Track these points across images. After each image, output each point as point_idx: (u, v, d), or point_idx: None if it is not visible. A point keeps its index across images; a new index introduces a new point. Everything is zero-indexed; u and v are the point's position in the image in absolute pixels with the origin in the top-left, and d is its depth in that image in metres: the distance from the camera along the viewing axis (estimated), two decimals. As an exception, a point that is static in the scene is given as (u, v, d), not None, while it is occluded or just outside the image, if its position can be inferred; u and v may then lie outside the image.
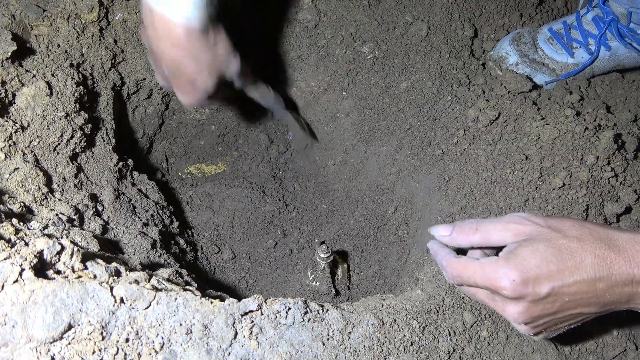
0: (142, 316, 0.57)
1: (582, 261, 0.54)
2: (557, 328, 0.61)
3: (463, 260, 0.60)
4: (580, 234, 0.56)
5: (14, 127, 0.79)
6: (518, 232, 0.59)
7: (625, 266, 0.54)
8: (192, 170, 1.40)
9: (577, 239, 0.55)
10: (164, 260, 0.88)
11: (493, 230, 0.60)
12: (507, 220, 0.60)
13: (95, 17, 0.99)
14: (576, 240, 0.55)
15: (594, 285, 0.54)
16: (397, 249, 1.13)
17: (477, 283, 0.58)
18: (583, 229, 0.56)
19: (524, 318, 0.57)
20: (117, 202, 0.90)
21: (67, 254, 0.59)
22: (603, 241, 0.55)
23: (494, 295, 0.59)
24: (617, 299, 0.55)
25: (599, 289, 0.54)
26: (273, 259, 1.22)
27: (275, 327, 0.63)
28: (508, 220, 0.60)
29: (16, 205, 0.71)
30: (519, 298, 0.55)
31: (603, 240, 0.55)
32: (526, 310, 0.57)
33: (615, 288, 0.54)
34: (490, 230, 0.60)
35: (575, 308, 0.57)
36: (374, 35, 1.15)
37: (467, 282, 0.60)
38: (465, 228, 0.62)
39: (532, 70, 1.11)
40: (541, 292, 0.54)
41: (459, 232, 0.63)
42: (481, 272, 0.57)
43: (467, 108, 1.02)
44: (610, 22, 1.07)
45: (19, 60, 0.85)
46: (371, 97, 1.16)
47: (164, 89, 0.90)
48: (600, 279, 0.54)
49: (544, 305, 0.56)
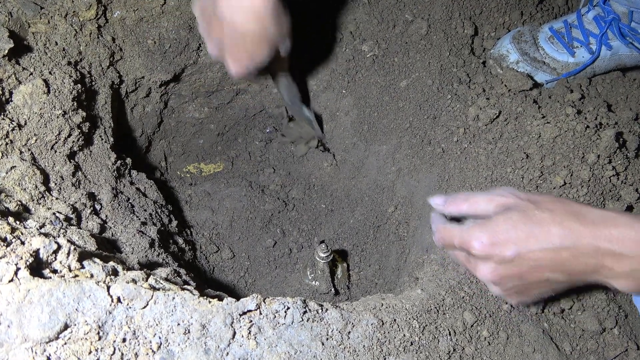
0: (140, 316, 0.57)
1: (549, 231, 0.59)
2: (529, 294, 0.66)
3: (448, 226, 0.68)
4: (553, 207, 0.61)
5: (11, 125, 0.78)
6: (500, 204, 0.64)
7: (591, 238, 0.57)
8: (191, 169, 1.40)
9: (549, 211, 0.60)
10: (162, 260, 0.87)
11: (480, 201, 0.67)
12: (493, 194, 0.66)
13: (93, 14, 0.98)
14: (548, 212, 0.60)
15: (558, 254, 0.59)
16: (396, 248, 1.13)
17: (455, 245, 0.66)
18: (557, 204, 0.61)
19: (492, 277, 0.63)
20: (115, 200, 0.89)
21: (64, 252, 0.59)
22: (573, 215, 0.59)
23: (469, 256, 0.66)
24: (583, 269, 0.59)
25: (563, 257, 0.59)
26: (272, 258, 1.22)
27: (274, 327, 0.63)
28: (494, 194, 0.66)
29: (13, 204, 0.70)
30: (487, 258, 0.62)
31: (574, 214, 0.59)
32: (494, 270, 0.62)
33: (580, 258, 0.58)
34: (478, 201, 0.67)
35: (541, 274, 0.61)
36: (374, 34, 1.14)
37: (449, 244, 0.67)
38: (457, 199, 0.69)
39: (533, 68, 1.10)
40: (506, 254, 0.60)
41: (450, 202, 0.70)
42: (459, 235, 0.65)
43: (467, 106, 1.01)
44: (612, 22, 1.07)
45: (16, 57, 0.85)
46: (371, 95, 1.16)
47: (213, 59, 0.95)
48: (565, 248, 0.58)
49: (510, 267, 0.61)
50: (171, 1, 1.06)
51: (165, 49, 1.09)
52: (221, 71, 1.21)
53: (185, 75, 1.19)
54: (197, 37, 1.12)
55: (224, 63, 0.82)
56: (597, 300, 0.83)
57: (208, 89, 1.26)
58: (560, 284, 0.63)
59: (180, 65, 1.14)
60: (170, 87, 1.21)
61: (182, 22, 1.09)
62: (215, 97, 1.30)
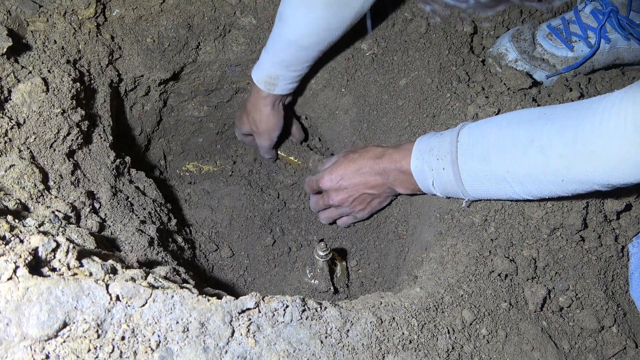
0: (138, 314, 0.57)
1: (361, 164, 0.97)
2: (364, 207, 1.06)
3: (310, 177, 1.08)
4: (365, 151, 0.97)
5: (10, 124, 0.78)
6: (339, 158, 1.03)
7: (388, 164, 0.92)
8: (190, 167, 1.40)
9: (360, 154, 0.98)
10: (162, 258, 0.87)
11: (330, 161, 1.07)
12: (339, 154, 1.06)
13: (92, 13, 0.98)
14: (359, 154, 0.98)
15: (366, 177, 0.97)
16: (396, 247, 1.13)
17: (314, 187, 1.06)
18: (369, 151, 0.97)
19: (339, 200, 1.03)
20: (114, 199, 0.89)
21: (63, 251, 0.59)
22: (377, 154, 0.95)
23: (323, 195, 1.08)
24: (384, 182, 0.96)
25: (369, 179, 0.97)
26: (271, 257, 1.22)
27: (272, 325, 0.63)
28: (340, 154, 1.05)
29: (12, 202, 0.70)
30: (332, 189, 1.02)
31: (377, 154, 0.95)
32: (338, 195, 1.03)
33: (380, 176, 0.95)
34: (330, 161, 1.07)
35: (360, 190, 1.00)
36: (373, 32, 1.14)
37: (313, 188, 1.07)
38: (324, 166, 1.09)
39: (532, 66, 1.10)
40: (335, 180, 1.00)
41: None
42: (315, 179, 1.04)
43: (466, 105, 1.01)
44: (610, 13, 1.07)
45: (15, 56, 0.85)
46: (370, 94, 1.16)
47: (240, 142, 1.39)
48: (371, 172, 0.96)
49: (345, 191, 1.01)
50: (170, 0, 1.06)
51: (164, 47, 1.09)
52: (220, 70, 1.21)
53: (185, 73, 1.19)
54: (196, 35, 1.12)
55: (256, 141, 1.26)
56: (596, 298, 0.83)
57: (207, 87, 1.26)
58: (375, 197, 1.02)
59: (179, 64, 1.14)
60: (170, 86, 1.21)
61: (181, 20, 1.08)
62: (215, 96, 1.30)
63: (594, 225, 0.85)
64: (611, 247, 0.86)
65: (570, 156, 0.68)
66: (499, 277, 0.83)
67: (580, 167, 0.68)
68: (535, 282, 0.83)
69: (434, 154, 0.84)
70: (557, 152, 0.69)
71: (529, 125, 0.74)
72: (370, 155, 0.95)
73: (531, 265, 0.83)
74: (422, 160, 0.86)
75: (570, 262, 0.84)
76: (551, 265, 0.84)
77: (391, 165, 0.92)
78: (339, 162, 0.99)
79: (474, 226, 0.88)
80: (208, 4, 1.10)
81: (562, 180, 0.71)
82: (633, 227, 0.87)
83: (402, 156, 0.90)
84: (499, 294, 0.81)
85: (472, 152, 0.80)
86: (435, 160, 0.84)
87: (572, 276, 0.84)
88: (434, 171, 0.85)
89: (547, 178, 0.72)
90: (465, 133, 0.82)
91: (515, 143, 0.74)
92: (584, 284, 0.84)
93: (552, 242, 0.84)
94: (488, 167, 0.77)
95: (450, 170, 0.82)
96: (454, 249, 0.88)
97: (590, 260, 0.85)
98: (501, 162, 0.76)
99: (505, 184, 0.77)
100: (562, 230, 0.84)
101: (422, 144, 0.88)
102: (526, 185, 0.76)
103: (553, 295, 0.83)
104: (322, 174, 1.02)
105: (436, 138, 0.86)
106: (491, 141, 0.77)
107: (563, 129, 0.69)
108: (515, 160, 0.74)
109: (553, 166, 0.70)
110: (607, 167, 0.66)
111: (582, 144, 0.67)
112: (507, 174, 0.76)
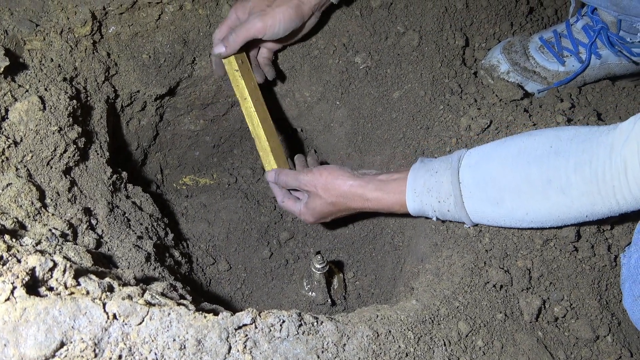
0: (135, 332, 0.57)
1: (346, 209, 0.93)
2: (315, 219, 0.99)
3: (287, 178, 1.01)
4: (351, 200, 0.90)
5: (7, 143, 0.79)
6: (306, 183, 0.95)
7: (376, 206, 0.88)
8: (187, 181, 1.40)
9: (345, 202, 0.91)
10: (159, 274, 0.87)
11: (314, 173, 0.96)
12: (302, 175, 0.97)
13: (88, 30, 0.99)
14: (344, 201, 0.91)
15: (349, 213, 0.96)
16: (392, 258, 1.14)
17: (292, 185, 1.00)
18: (354, 199, 0.90)
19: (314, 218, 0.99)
20: (111, 215, 0.90)
21: (60, 270, 0.59)
22: (364, 198, 0.89)
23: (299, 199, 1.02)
24: (347, 207, 0.92)
25: (337, 208, 0.94)
26: (269, 270, 1.22)
27: (269, 341, 0.63)
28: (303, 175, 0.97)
29: (9, 221, 0.71)
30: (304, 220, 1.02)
31: (364, 198, 0.89)
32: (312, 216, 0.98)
33: (346, 208, 0.93)
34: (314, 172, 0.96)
35: (330, 214, 0.97)
36: (367, 45, 1.15)
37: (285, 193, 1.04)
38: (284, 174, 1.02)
39: (524, 78, 1.12)
40: (316, 220, 0.99)
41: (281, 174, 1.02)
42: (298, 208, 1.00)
43: (459, 116, 1.02)
44: (600, 31, 1.08)
45: (12, 75, 0.85)
46: (364, 106, 1.17)
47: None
48: (354, 211, 0.94)
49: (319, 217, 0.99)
50: (165, 16, 1.07)
51: (160, 63, 1.10)
52: (216, 84, 1.22)
53: (181, 88, 1.20)
54: (191, 50, 1.13)
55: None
56: (590, 308, 0.84)
57: (203, 101, 1.27)
58: (339, 213, 0.97)
59: (175, 79, 1.15)
60: (166, 101, 1.22)
61: (176, 36, 1.10)
62: (211, 110, 1.31)
63: (587, 236, 0.86)
64: (604, 256, 0.87)
65: (594, 193, 0.67)
66: (494, 288, 0.83)
67: (606, 203, 0.67)
68: (530, 293, 0.83)
69: (434, 196, 0.81)
70: (580, 190, 0.67)
71: (540, 164, 0.70)
72: (357, 204, 0.90)
73: (526, 275, 0.84)
74: (420, 203, 0.83)
75: (564, 272, 0.85)
76: (545, 276, 0.84)
77: (379, 207, 0.88)
78: (323, 209, 0.94)
79: (469, 237, 0.89)
80: (203, 19, 1.12)
81: (586, 216, 0.70)
82: (625, 237, 0.88)
83: (393, 199, 0.85)
84: (495, 305, 0.82)
85: (480, 196, 0.77)
86: (437, 203, 0.81)
87: (566, 286, 0.84)
88: (437, 212, 0.82)
89: (571, 216, 0.71)
90: (467, 173, 0.78)
91: (531, 185, 0.71)
92: (578, 293, 0.84)
93: (546, 252, 0.85)
94: (503, 210, 0.75)
95: (455, 211, 0.80)
96: (450, 260, 0.89)
97: (584, 270, 0.86)
98: (518, 205, 0.73)
99: (521, 223, 0.76)
100: (556, 241, 0.85)
101: (416, 184, 0.83)
102: (546, 224, 0.75)
103: (548, 305, 0.83)
104: (306, 212, 0.97)
105: (431, 177, 0.82)
106: (502, 184, 0.74)
107: (579, 165, 0.67)
108: (534, 202, 0.72)
109: (577, 205, 0.69)
110: (634, 198, 0.65)
111: (603, 181, 0.65)
112: (525, 215, 0.74)
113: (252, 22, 0.98)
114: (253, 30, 0.98)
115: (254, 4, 1.00)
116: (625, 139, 0.64)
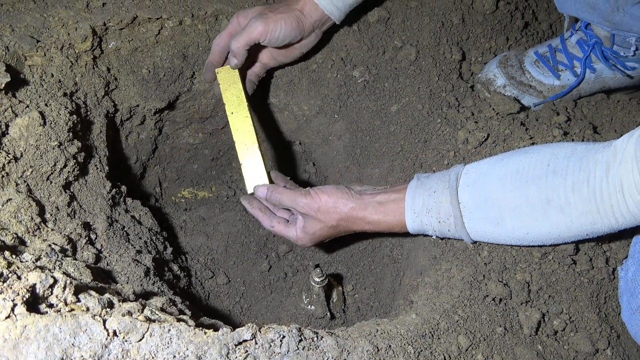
0: (135, 349, 0.57)
1: (344, 230, 0.91)
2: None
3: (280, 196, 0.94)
4: (352, 222, 0.89)
5: (7, 158, 0.79)
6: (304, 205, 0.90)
7: (376, 227, 0.87)
8: (186, 194, 1.40)
9: (345, 224, 0.89)
10: (158, 288, 0.87)
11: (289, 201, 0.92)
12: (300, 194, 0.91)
13: (88, 46, 1.00)
14: (345, 223, 0.89)
15: (336, 229, 0.91)
16: (391, 271, 1.14)
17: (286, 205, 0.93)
18: (355, 222, 0.88)
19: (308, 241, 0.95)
20: (110, 229, 0.90)
21: (60, 286, 0.59)
22: (364, 222, 0.87)
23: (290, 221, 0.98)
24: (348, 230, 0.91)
25: (337, 230, 0.91)
26: (268, 283, 1.22)
27: (269, 357, 0.63)
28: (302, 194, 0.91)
29: (8, 237, 0.71)
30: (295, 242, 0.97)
31: (364, 221, 0.87)
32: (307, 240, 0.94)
33: (347, 230, 0.91)
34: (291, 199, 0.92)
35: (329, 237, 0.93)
36: (364, 60, 1.17)
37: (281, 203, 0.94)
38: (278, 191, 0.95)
39: (520, 92, 1.13)
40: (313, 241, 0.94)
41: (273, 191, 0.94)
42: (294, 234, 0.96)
43: (456, 130, 1.03)
44: (594, 45, 1.10)
45: (13, 91, 0.86)
46: (362, 120, 1.18)
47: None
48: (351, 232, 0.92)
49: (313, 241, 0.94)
50: (165, 31, 1.08)
51: (159, 77, 1.11)
52: (215, 98, 1.23)
53: (180, 102, 1.21)
54: (190, 65, 1.14)
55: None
56: (589, 321, 0.84)
57: (202, 115, 1.28)
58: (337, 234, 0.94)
59: (174, 93, 1.16)
60: (165, 114, 1.23)
61: (176, 51, 1.11)
62: (210, 123, 1.32)
63: (585, 249, 0.87)
64: (602, 269, 0.87)
65: (593, 212, 0.68)
66: (493, 302, 0.83)
67: (605, 221, 0.68)
68: (529, 306, 0.84)
69: (434, 216, 0.81)
70: (579, 210, 0.68)
71: (539, 183, 0.71)
72: (358, 226, 0.89)
73: (525, 289, 0.84)
74: (420, 223, 0.83)
75: (563, 285, 0.85)
76: (544, 289, 0.85)
77: (380, 229, 0.88)
78: (323, 232, 0.91)
79: (468, 250, 0.89)
80: (202, 34, 1.13)
81: (586, 234, 0.71)
82: (623, 250, 0.89)
83: (393, 221, 0.85)
84: (494, 318, 0.82)
85: (480, 216, 0.77)
86: (437, 223, 0.82)
87: (565, 299, 0.85)
88: (437, 231, 0.83)
89: (571, 234, 0.72)
90: (466, 193, 0.78)
91: (530, 205, 0.72)
92: (577, 306, 0.85)
93: (545, 265, 0.86)
94: (503, 230, 0.76)
95: (455, 231, 0.81)
96: (449, 273, 0.89)
97: (582, 283, 0.86)
98: (518, 225, 0.74)
99: (522, 242, 0.78)
100: (554, 254, 0.85)
101: (415, 205, 0.83)
102: (547, 242, 0.76)
103: (547, 318, 0.83)
104: (304, 237, 0.93)
105: (430, 197, 0.82)
106: (502, 204, 0.75)
107: (577, 185, 0.68)
108: (534, 222, 0.73)
109: (577, 224, 0.70)
110: (632, 216, 0.66)
111: (601, 200, 0.67)
112: (526, 235, 0.75)
113: (254, 25, 0.97)
114: (255, 33, 0.98)
115: (256, 11, 1.01)
116: (621, 157, 0.65)
